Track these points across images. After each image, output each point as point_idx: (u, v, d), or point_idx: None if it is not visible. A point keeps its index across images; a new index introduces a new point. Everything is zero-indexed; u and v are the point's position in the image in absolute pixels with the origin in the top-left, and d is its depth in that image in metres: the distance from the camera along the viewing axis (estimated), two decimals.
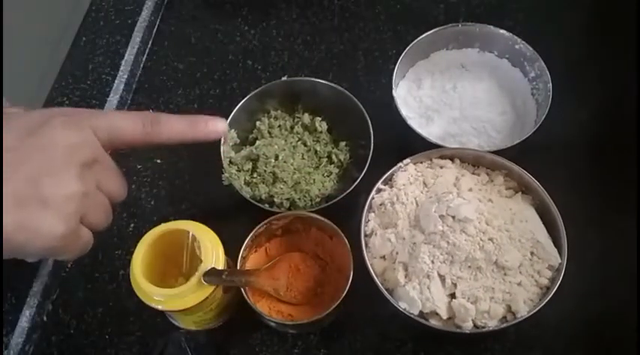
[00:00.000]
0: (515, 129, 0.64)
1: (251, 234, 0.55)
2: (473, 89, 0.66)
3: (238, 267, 0.55)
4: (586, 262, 0.56)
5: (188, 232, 0.51)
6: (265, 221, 0.56)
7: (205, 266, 0.50)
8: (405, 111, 0.63)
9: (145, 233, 0.51)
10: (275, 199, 0.60)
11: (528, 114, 0.64)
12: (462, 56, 0.68)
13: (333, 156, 0.63)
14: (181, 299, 0.50)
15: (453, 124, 0.64)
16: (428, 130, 0.64)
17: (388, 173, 0.58)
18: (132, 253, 0.50)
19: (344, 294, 0.52)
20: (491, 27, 0.66)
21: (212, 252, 0.51)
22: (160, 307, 0.50)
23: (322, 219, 0.56)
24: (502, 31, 0.66)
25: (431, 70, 0.68)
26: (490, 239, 0.53)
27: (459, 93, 0.66)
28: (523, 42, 0.65)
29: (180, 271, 0.55)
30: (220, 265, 0.51)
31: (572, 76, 0.68)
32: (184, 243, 0.53)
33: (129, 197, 0.65)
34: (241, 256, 0.55)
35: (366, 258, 0.55)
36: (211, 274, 0.51)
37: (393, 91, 0.62)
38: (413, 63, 0.68)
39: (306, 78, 0.66)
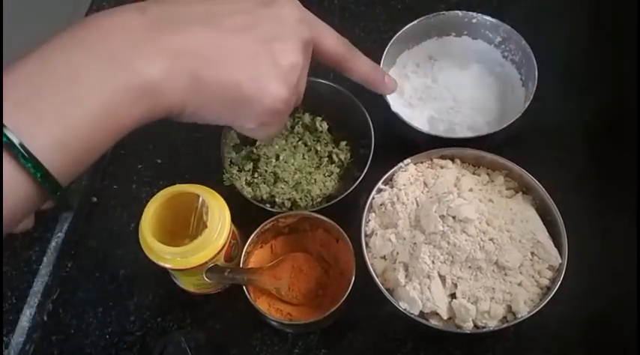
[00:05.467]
0: (508, 96, 0.65)
1: (257, 230, 0.56)
2: (452, 74, 0.67)
3: (242, 262, 0.55)
4: (586, 262, 0.56)
5: (198, 196, 0.52)
6: (273, 218, 0.56)
7: (210, 231, 0.51)
8: (404, 115, 0.62)
9: None
10: (276, 199, 0.60)
11: (513, 78, 0.65)
12: (425, 49, 0.68)
13: (334, 156, 0.63)
14: (183, 259, 0.51)
15: (452, 113, 0.65)
16: (432, 127, 0.64)
17: (389, 173, 0.58)
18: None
19: (343, 299, 0.53)
20: (444, 12, 0.66)
21: (218, 218, 0.51)
22: (161, 263, 0.51)
23: (329, 221, 0.56)
24: (456, 12, 0.66)
25: (402, 73, 0.68)
26: (491, 239, 0.53)
27: (441, 83, 0.66)
28: (480, 14, 0.65)
29: (187, 233, 0.56)
30: (225, 232, 0.52)
31: (573, 76, 0.68)
32: (194, 205, 0.54)
33: (129, 197, 0.65)
34: (245, 251, 0.55)
35: (367, 258, 0.55)
36: (214, 271, 0.52)
37: (392, 108, 0.62)
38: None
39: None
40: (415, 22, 0.66)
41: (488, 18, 0.65)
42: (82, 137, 0.37)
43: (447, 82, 0.66)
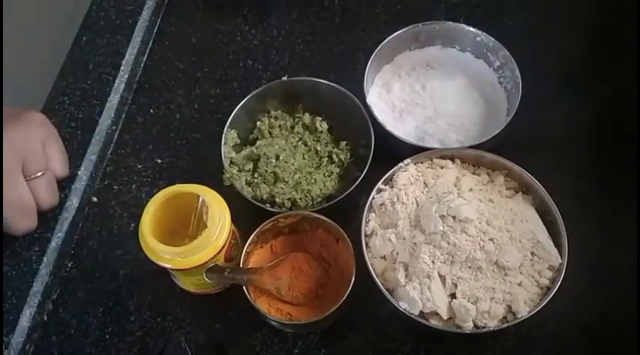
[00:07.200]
0: (490, 120, 0.64)
1: (257, 230, 0.56)
2: (442, 86, 0.66)
3: (242, 262, 0.55)
4: (586, 262, 0.56)
5: (198, 196, 0.52)
6: (273, 218, 0.56)
7: (210, 231, 0.51)
8: (380, 116, 0.62)
9: None
10: (276, 199, 0.60)
11: (500, 104, 0.65)
12: (426, 55, 0.69)
13: (334, 156, 0.63)
14: (183, 259, 0.51)
15: (429, 123, 0.64)
16: (405, 132, 0.63)
17: (389, 173, 0.58)
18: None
19: (343, 299, 0.52)
20: (451, 23, 0.67)
21: (218, 218, 0.52)
22: (161, 263, 0.51)
23: (329, 221, 0.56)
24: (462, 26, 0.66)
25: (397, 72, 0.68)
26: (491, 239, 0.53)
27: (428, 91, 0.66)
28: (484, 34, 0.65)
29: (187, 233, 0.56)
30: (225, 232, 0.52)
31: (573, 76, 0.68)
32: (194, 205, 0.54)
33: (129, 197, 0.66)
34: (245, 251, 0.55)
35: (367, 258, 0.55)
36: (214, 271, 0.52)
37: (367, 99, 0.62)
38: (379, 68, 0.68)
39: (306, 78, 0.66)
40: (420, 25, 0.66)
41: (492, 39, 0.65)
42: None
43: (434, 92, 0.66)
